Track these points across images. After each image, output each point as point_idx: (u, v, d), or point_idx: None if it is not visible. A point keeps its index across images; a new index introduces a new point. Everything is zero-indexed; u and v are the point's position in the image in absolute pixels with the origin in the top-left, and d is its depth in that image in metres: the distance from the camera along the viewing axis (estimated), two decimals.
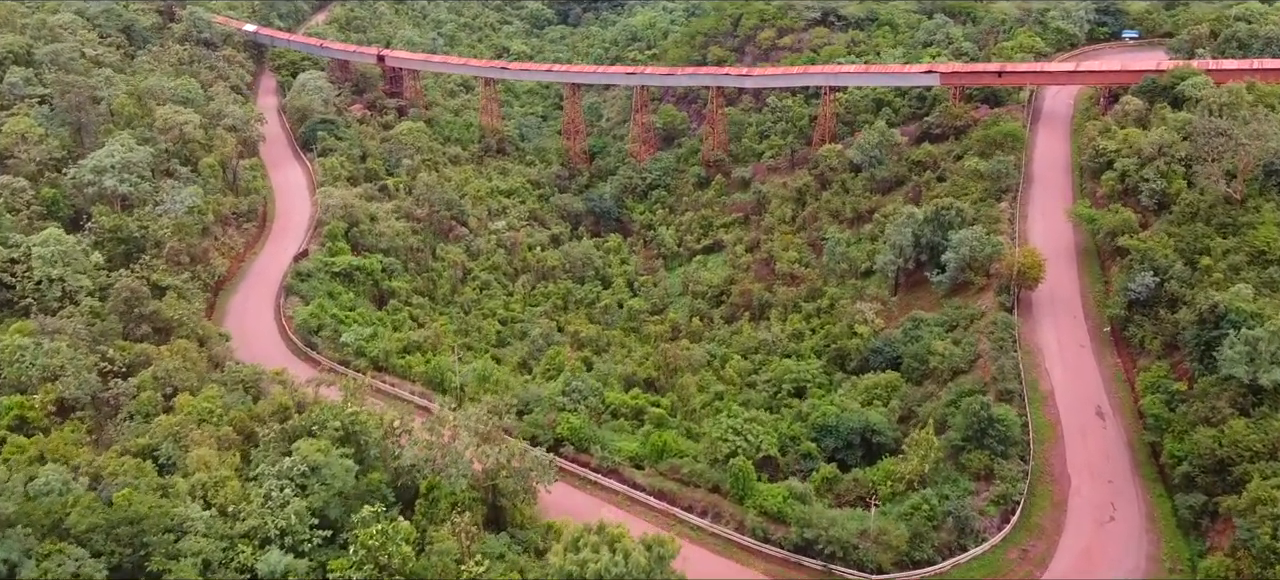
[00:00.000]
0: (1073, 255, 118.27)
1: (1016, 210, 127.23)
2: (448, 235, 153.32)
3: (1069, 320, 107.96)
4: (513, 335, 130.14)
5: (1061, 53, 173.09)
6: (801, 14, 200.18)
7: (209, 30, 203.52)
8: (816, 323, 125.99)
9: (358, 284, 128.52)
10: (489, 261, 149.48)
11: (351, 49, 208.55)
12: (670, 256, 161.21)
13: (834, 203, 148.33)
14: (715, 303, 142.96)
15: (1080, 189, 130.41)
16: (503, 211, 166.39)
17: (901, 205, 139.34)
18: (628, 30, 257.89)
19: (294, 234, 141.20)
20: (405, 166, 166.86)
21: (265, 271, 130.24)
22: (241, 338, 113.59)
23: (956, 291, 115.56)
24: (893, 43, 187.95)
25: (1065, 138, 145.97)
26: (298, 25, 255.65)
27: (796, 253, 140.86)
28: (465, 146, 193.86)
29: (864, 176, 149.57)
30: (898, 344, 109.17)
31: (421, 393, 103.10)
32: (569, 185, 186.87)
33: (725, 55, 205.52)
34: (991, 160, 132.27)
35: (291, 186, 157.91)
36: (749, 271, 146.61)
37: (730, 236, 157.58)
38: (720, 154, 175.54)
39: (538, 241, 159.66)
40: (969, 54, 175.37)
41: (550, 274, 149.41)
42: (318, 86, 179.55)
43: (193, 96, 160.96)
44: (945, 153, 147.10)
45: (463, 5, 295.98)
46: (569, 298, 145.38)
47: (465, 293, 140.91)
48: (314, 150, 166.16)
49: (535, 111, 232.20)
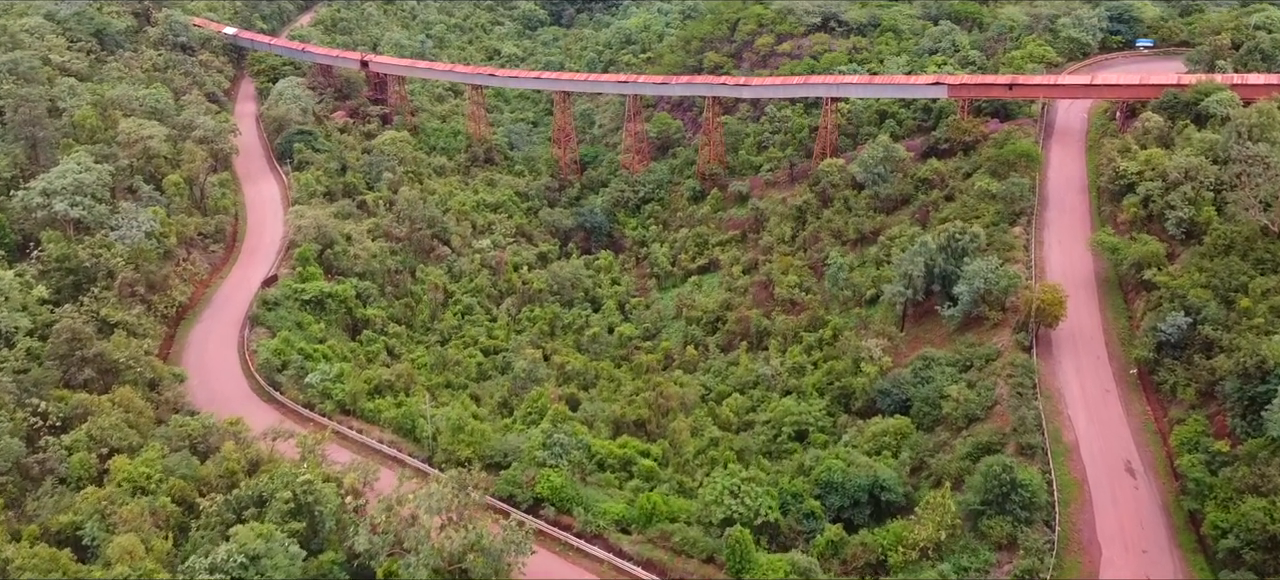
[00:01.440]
0: (1093, 286, 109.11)
1: (1032, 235, 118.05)
2: (429, 255, 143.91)
3: (1092, 361, 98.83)
4: (495, 368, 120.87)
5: (1073, 62, 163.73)
6: (801, 19, 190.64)
7: (186, 33, 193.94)
8: (818, 355, 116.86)
9: (330, 312, 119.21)
10: (472, 283, 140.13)
11: (335, 53, 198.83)
12: (664, 276, 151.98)
13: (836, 222, 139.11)
14: (710, 329, 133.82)
15: (1099, 213, 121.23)
16: (488, 228, 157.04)
17: (907, 226, 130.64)
18: (622, 33, 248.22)
19: (265, 255, 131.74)
20: (386, 180, 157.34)
21: (231, 298, 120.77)
22: (201, 375, 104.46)
23: (969, 326, 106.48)
24: (896, 49, 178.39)
25: (1080, 155, 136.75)
26: (282, 26, 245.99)
27: (797, 277, 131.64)
28: (451, 156, 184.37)
29: (867, 194, 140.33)
30: (907, 385, 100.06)
31: (391, 441, 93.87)
32: (559, 198, 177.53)
33: (722, 61, 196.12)
34: (1005, 181, 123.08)
35: (265, 201, 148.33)
36: (746, 295, 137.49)
37: (726, 256, 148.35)
38: (716, 167, 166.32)
39: (525, 260, 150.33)
40: (976, 63, 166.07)
41: (537, 297, 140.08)
42: (295, 95, 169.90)
43: (162, 106, 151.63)
44: (954, 170, 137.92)
45: (453, 6, 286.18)
46: (556, 322, 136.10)
47: (446, 319, 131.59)
48: (290, 162, 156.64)
49: (525, 117, 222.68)
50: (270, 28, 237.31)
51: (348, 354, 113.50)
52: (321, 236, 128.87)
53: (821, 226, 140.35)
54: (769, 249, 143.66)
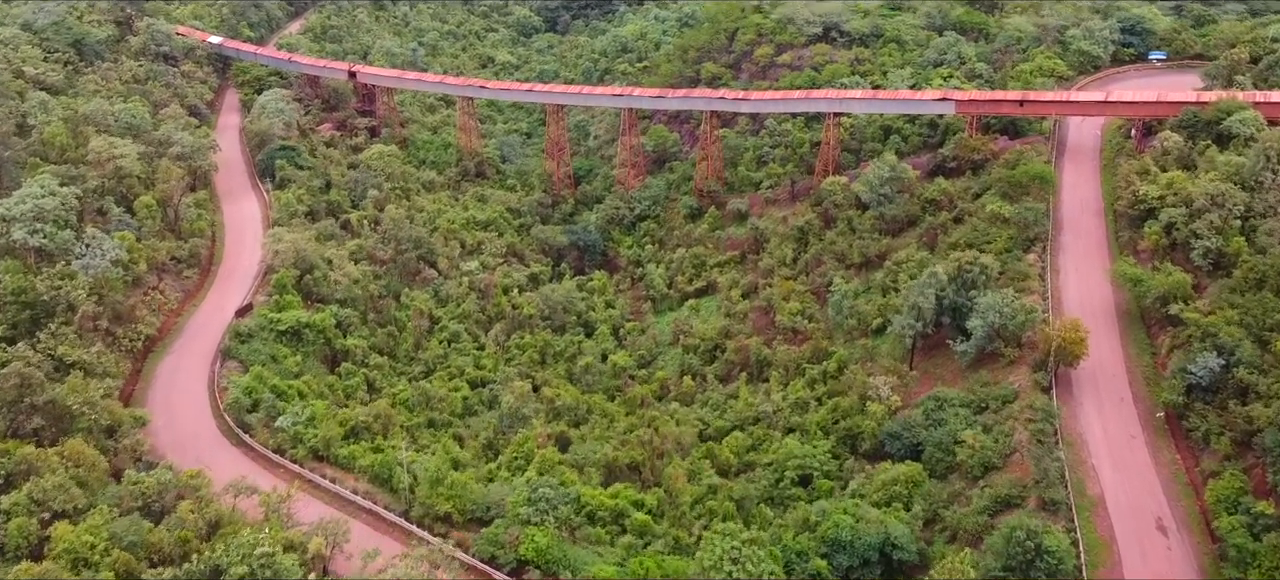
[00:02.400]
0: (1113, 319, 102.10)
1: (1047, 262, 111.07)
2: (415, 278, 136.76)
3: (1115, 402, 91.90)
4: (481, 402, 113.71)
5: (1083, 76, 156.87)
6: (802, 29, 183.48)
7: (169, 43, 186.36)
8: (822, 389, 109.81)
9: (307, 344, 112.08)
10: (459, 309, 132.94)
11: (322, 64, 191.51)
12: (660, 299, 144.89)
13: (839, 244, 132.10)
14: (708, 358, 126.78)
15: (1116, 238, 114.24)
16: (478, 247, 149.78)
17: (914, 250, 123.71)
18: (618, 41, 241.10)
19: (242, 280, 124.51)
20: (371, 198, 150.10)
21: (204, 328, 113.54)
22: (167, 415, 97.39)
23: (983, 362, 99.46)
24: (900, 61, 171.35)
25: (1095, 175, 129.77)
26: (271, 34, 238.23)
27: (799, 303, 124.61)
28: (441, 170, 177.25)
29: (872, 214, 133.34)
30: (918, 428, 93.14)
31: (366, 492, 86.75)
32: (552, 214, 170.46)
33: (720, 72, 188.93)
34: (1018, 205, 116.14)
35: (245, 221, 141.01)
36: (746, 321, 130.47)
37: (725, 279, 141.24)
38: (714, 183, 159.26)
39: (515, 282, 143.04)
40: (983, 77, 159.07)
41: (527, 323, 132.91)
42: (279, 108, 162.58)
43: (138, 122, 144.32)
44: (963, 190, 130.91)
45: (446, 12, 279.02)
46: (547, 351, 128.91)
47: (431, 348, 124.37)
48: (272, 180, 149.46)
49: (518, 128, 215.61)
50: (258, 36, 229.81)
51: (325, 389, 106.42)
52: (300, 261, 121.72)
53: (824, 249, 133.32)
54: (769, 272, 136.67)
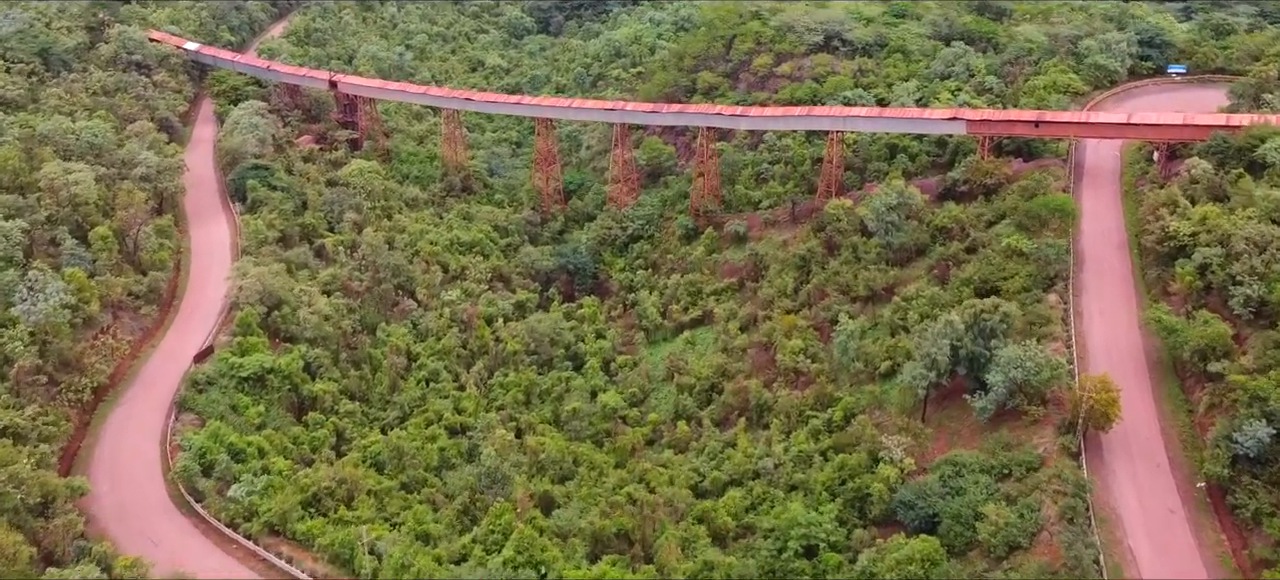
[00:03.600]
0: (1144, 371, 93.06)
1: (1069, 303, 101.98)
2: (392, 310, 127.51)
3: (1150, 470, 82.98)
4: (459, 456, 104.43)
5: (1099, 91, 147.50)
6: (802, 37, 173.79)
7: (142, 51, 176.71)
8: (827, 441, 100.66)
9: (271, 391, 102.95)
10: (439, 344, 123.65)
11: (302, 72, 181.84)
12: (653, 329, 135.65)
13: (844, 275, 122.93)
14: (704, 400, 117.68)
15: (1143, 276, 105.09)
16: (461, 273, 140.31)
17: (925, 285, 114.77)
18: (611, 45, 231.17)
19: (205, 316, 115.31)
20: (349, 220, 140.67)
21: (162, 373, 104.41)
22: (113, 478, 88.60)
23: (1003, 418, 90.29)
24: (905, 72, 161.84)
25: (1116, 202, 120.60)
26: (253, 37, 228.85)
27: (801, 341, 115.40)
28: (425, 186, 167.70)
29: (878, 242, 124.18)
30: (933, 497, 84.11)
31: (325, 575, 77.74)
32: (541, 232, 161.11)
33: (717, 81, 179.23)
34: (1037, 240, 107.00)
35: (214, 247, 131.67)
36: (744, 358, 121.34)
37: (722, 309, 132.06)
38: (711, 203, 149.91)
39: (499, 311, 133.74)
40: (993, 90, 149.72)
41: (511, 360, 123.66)
42: (253, 123, 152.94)
43: (100, 141, 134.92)
44: (975, 217, 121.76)
45: (436, 12, 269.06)
46: (532, 390, 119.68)
47: (407, 389, 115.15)
48: (243, 203, 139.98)
49: (507, 137, 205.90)
50: (239, 39, 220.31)
51: (289, 443, 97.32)
52: (267, 297, 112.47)
53: (827, 279, 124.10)
54: (769, 303, 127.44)
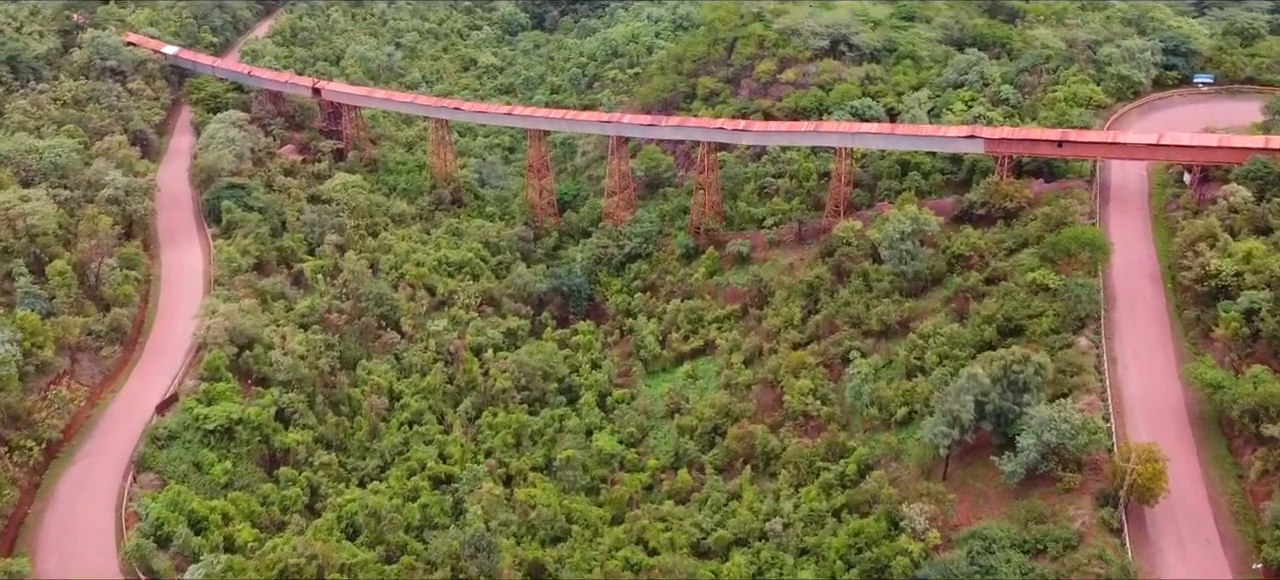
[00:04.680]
0: (1187, 429, 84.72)
1: (1102, 348, 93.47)
2: (374, 344, 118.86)
3: (1200, 546, 74.80)
4: (444, 514, 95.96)
5: (1122, 102, 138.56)
6: (807, 41, 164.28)
7: (117, 56, 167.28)
8: (840, 498, 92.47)
9: (240, 444, 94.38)
10: (423, 382, 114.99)
11: (284, 78, 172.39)
12: (652, 359, 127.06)
13: (854, 306, 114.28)
14: (707, 443, 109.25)
15: (1180, 316, 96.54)
16: (449, 298, 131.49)
17: (943, 320, 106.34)
18: (608, 44, 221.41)
19: (173, 355, 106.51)
20: (330, 243, 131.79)
21: (122, 424, 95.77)
22: (62, 552, 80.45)
23: (1033, 482, 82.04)
24: (915, 80, 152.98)
25: (1145, 229, 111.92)
26: (237, 37, 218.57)
27: (810, 381, 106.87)
28: (413, 199, 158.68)
29: (890, 268, 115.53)
30: (960, 576, 75.85)
31: None
32: (534, 249, 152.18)
33: (717, 87, 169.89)
34: (1066, 279, 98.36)
35: (185, 275, 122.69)
36: (749, 396, 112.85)
37: (725, 339, 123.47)
38: (712, 221, 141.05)
39: (489, 340, 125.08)
40: (1010, 102, 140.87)
41: (500, 397, 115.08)
42: (229, 137, 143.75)
43: (65, 160, 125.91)
44: (995, 244, 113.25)
45: (428, 9, 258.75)
46: (523, 432, 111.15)
47: (388, 435, 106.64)
48: (219, 223, 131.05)
49: (500, 143, 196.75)
50: (222, 40, 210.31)
51: (257, 507, 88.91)
52: (238, 336, 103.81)
53: (837, 311, 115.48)
54: (774, 334, 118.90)
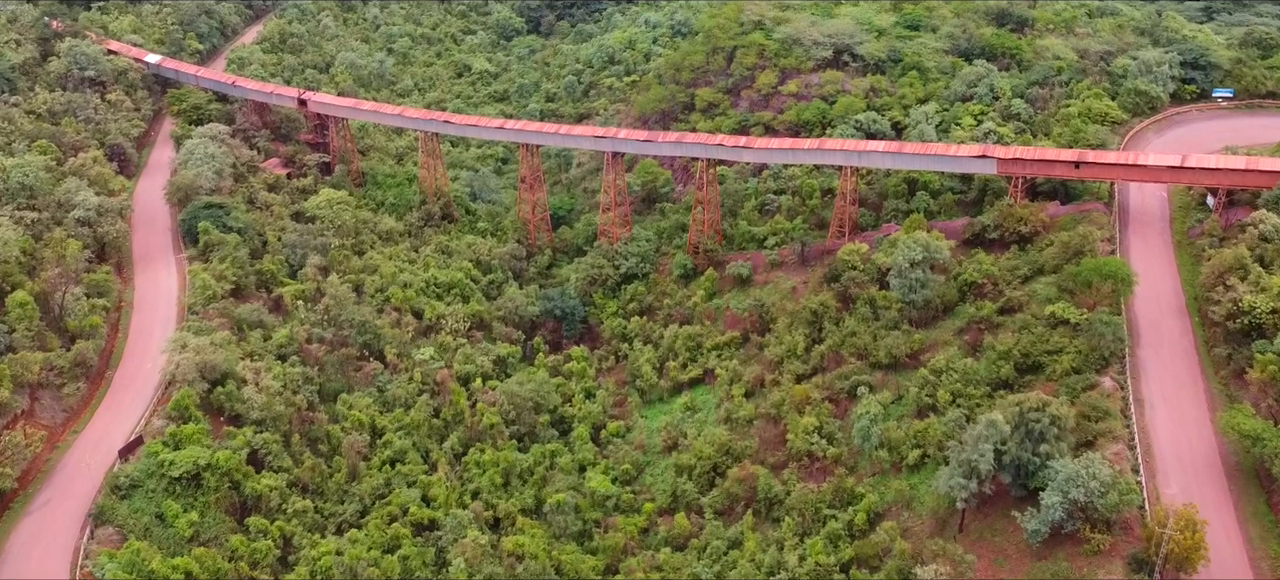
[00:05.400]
0: (1222, 481, 78.26)
1: (1128, 389, 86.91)
2: (356, 375, 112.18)
3: None
4: (424, 567, 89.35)
5: (1139, 118, 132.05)
6: (809, 52, 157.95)
7: (96, 66, 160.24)
8: (848, 551, 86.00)
9: (208, 491, 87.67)
10: (407, 417, 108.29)
11: (269, 89, 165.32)
12: (649, 388, 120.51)
13: (861, 336, 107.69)
14: (706, 483, 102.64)
15: (1210, 355, 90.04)
16: (436, 324, 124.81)
17: (956, 355, 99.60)
18: (604, 51, 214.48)
19: (141, 390, 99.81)
20: (312, 265, 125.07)
21: (83, 469, 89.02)
22: None
23: (1057, 541, 75.52)
24: (922, 93, 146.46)
25: (1168, 255, 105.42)
26: (225, 43, 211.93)
27: (815, 418, 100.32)
28: (402, 215, 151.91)
29: (899, 296, 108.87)
30: None
31: None
32: (526, 267, 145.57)
33: (717, 98, 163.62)
34: (1089, 315, 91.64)
35: (159, 300, 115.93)
36: (750, 431, 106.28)
37: (724, 368, 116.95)
38: (711, 241, 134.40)
39: (478, 368, 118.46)
40: (1022, 117, 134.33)
41: (488, 433, 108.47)
42: (209, 154, 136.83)
43: (32, 181, 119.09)
44: (1008, 270, 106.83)
45: (421, 12, 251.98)
46: (512, 470, 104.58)
47: (368, 477, 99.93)
48: (196, 244, 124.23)
49: (493, 153, 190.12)
50: (209, 46, 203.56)
51: (224, 563, 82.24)
52: (209, 372, 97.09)
53: (843, 341, 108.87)
54: (777, 364, 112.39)
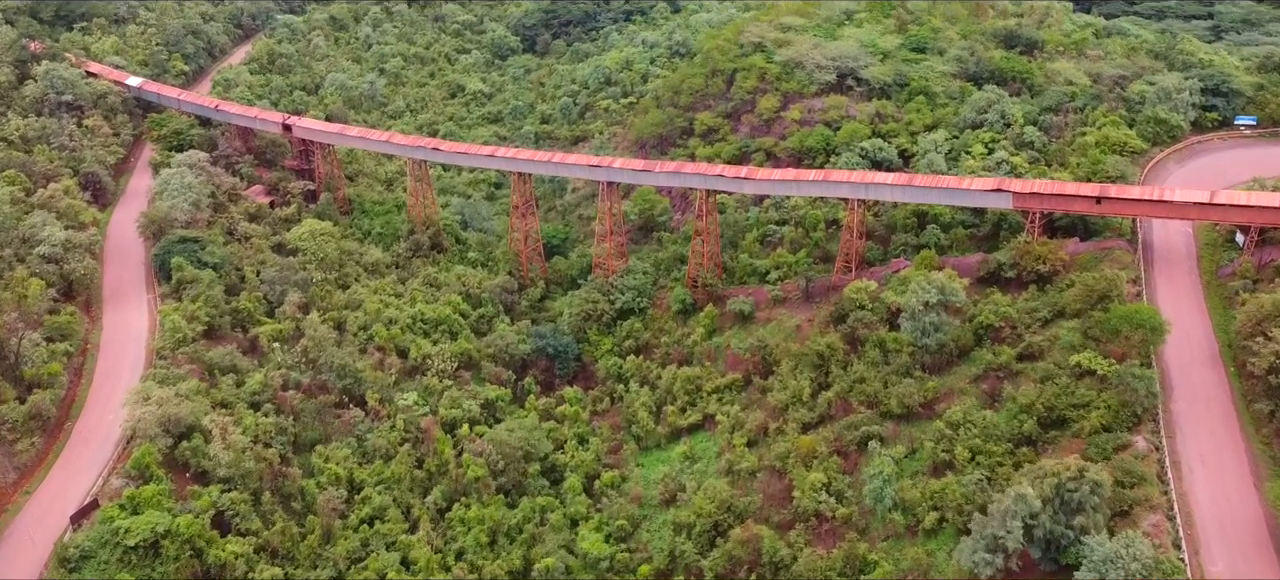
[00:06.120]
0: (1271, 557, 70.83)
1: (1163, 449, 79.63)
2: (335, 423, 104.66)
3: None
4: None
5: (1159, 147, 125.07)
6: (812, 75, 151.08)
7: (73, 90, 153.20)
8: None
9: (167, 561, 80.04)
10: (387, 470, 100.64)
11: (253, 113, 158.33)
12: (645, 434, 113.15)
13: (871, 383, 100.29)
14: (707, 542, 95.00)
15: (1249, 409, 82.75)
16: (422, 365, 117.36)
17: (974, 407, 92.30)
18: (600, 71, 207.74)
19: (102, 444, 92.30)
20: (292, 302, 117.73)
21: (31, 538, 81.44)
22: None
23: None
24: (930, 119, 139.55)
25: (1197, 297, 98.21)
26: (212, 63, 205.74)
27: (823, 474, 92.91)
28: (389, 245, 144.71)
29: (910, 339, 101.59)
30: None
31: None
32: (518, 300, 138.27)
33: (716, 123, 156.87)
34: (1120, 367, 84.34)
35: (129, 341, 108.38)
36: (754, 485, 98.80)
37: (725, 415, 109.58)
38: (710, 275, 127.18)
39: (465, 414, 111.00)
40: (1035, 145, 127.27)
41: (474, 487, 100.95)
42: (186, 184, 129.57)
43: None
44: (1027, 312, 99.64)
45: (414, 32, 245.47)
46: (499, 529, 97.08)
47: (343, 540, 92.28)
48: (169, 281, 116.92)
49: (486, 177, 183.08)
50: (195, 67, 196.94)
51: None
52: (173, 426, 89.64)
53: (851, 387, 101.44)
54: (781, 411, 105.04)
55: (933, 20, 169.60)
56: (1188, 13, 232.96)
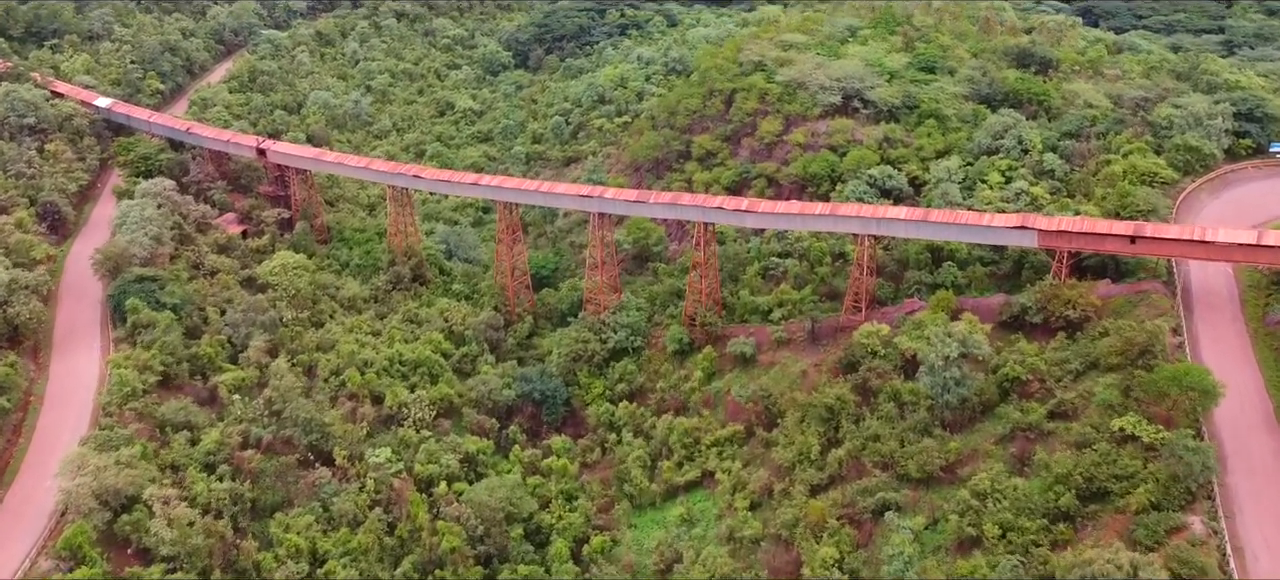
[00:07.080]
0: None
1: (1223, 533, 69.54)
2: (298, 485, 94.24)
3: None
4: None
5: (1190, 177, 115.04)
6: (815, 97, 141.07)
7: (36, 113, 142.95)
8: None
9: None
10: (354, 540, 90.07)
11: (226, 137, 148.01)
12: (639, 492, 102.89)
13: (885, 441, 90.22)
14: None
15: None
16: (398, 414, 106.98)
17: (1003, 473, 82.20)
18: (594, 89, 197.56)
19: (35, 517, 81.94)
20: (256, 347, 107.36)
21: None
22: None
23: None
24: (941, 144, 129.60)
25: (1245, 350, 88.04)
26: (191, 80, 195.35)
27: (835, 550, 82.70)
28: (367, 278, 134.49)
29: (928, 393, 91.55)
30: None
31: None
32: (504, 337, 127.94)
33: (715, 146, 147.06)
34: (1171, 436, 74.27)
35: (78, 393, 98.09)
36: (757, 556, 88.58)
37: (726, 473, 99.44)
38: (709, 313, 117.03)
39: (443, 469, 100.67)
40: (1056, 174, 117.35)
41: (450, 558, 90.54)
42: (145, 217, 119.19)
43: None
44: (1057, 363, 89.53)
45: (403, 47, 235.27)
46: None
47: None
48: (124, 326, 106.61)
49: (472, 203, 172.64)
50: (171, 86, 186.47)
51: None
52: (111, 498, 79.34)
53: (864, 445, 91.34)
54: (787, 470, 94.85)
55: (940, 37, 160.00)
56: (1198, 28, 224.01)
